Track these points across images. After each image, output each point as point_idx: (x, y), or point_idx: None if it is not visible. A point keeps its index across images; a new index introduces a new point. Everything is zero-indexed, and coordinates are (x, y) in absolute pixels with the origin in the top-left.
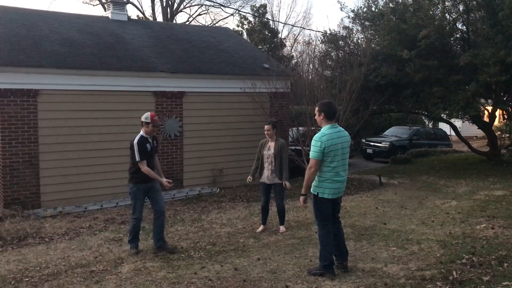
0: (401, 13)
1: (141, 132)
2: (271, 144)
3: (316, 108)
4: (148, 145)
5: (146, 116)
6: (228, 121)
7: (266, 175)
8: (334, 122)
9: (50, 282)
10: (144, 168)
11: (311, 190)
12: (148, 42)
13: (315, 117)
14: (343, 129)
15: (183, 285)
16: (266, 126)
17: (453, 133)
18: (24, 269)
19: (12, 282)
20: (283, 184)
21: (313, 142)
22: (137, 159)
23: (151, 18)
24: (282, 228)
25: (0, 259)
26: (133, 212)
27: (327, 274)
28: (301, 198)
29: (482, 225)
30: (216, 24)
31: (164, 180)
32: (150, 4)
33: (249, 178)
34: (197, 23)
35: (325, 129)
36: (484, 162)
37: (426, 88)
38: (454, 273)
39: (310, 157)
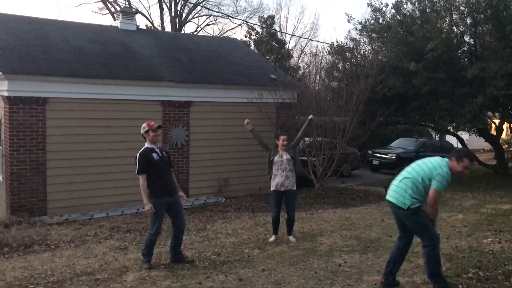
0: (409, 26)
1: (146, 144)
2: (283, 153)
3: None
4: (154, 154)
5: (143, 127)
6: (235, 131)
7: (280, 182)
8: None
9: None
10: (142, 181)
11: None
12: (156, 51)
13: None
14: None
15: None
16: (283, 137)
17: (460, 145)
18: (29, 276)
19: None
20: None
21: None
22: (136, 171)
23: (159, 28)
24: (292, 238)
25: (6, 266)
26: (151, 227)
27: None
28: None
29: (489, 239)
30: (224, 35)
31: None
32: (159, 14)
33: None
34: (205, 34)
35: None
36: (491, 175)
37: (433, 101)
38: (460, 287)
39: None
